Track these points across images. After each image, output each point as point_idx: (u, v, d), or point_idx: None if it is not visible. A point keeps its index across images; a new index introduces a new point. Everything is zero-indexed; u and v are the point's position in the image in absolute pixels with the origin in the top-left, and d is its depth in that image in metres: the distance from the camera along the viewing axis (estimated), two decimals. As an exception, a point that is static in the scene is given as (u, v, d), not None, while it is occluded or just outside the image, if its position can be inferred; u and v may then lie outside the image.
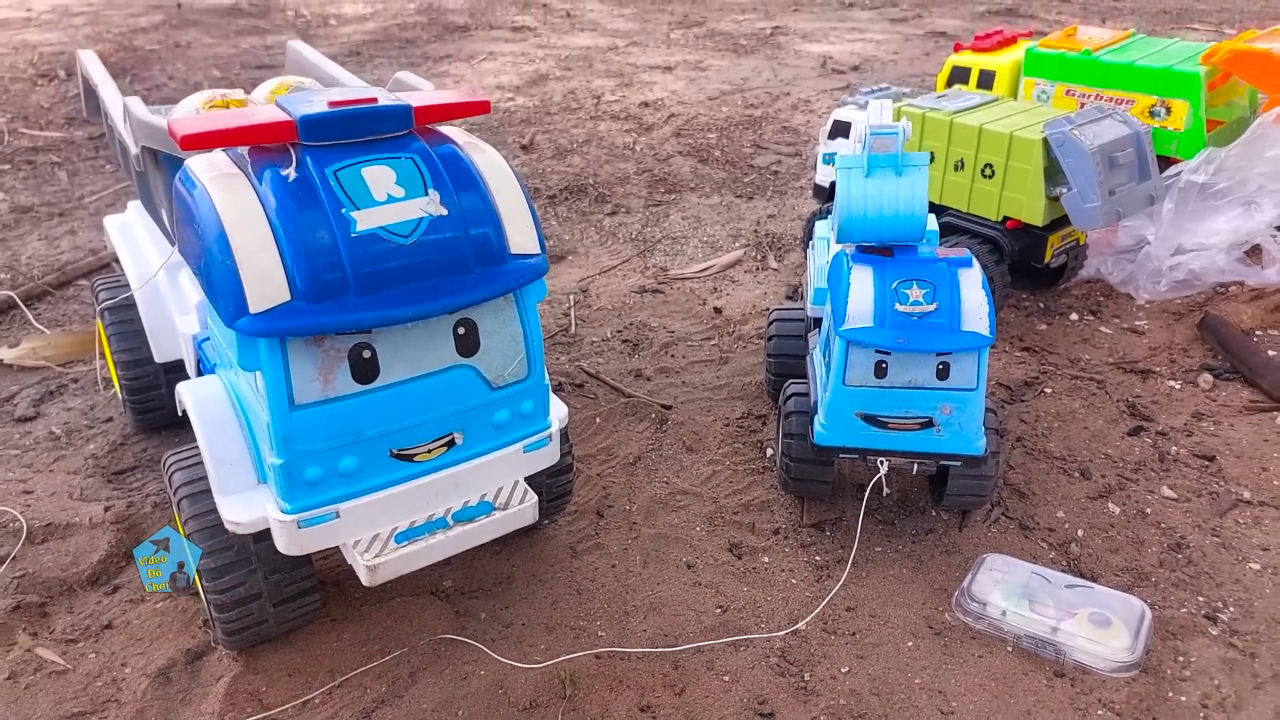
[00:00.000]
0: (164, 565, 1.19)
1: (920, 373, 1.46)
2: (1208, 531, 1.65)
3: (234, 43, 5.06)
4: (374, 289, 1.11)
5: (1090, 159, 1.97)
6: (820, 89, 4.27)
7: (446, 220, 1.15)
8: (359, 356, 1.16)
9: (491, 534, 1.31)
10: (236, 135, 1.11)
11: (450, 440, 1.27)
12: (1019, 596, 1.47)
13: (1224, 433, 1.92)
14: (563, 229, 2.90)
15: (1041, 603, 1.47)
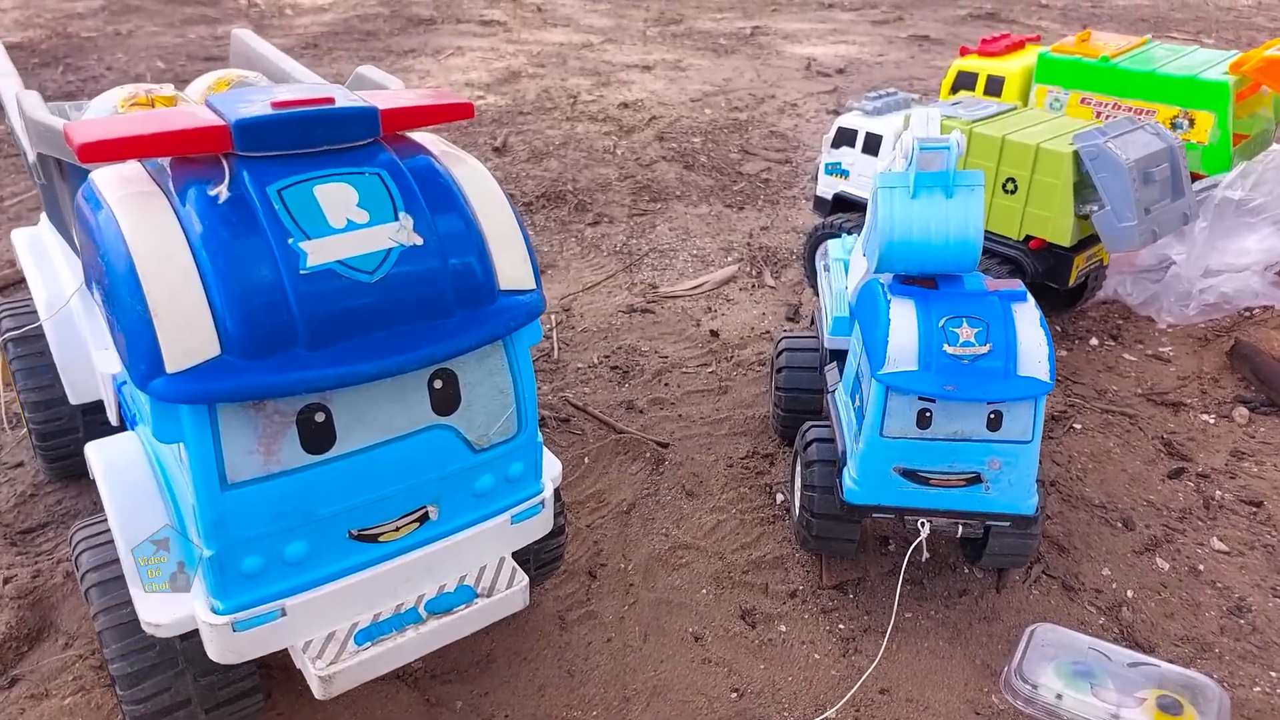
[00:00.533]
0: (164, 565, 0.99)
1: (969, 423, 1.27)
2: (1268, 591, 1.49)
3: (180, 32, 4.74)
4: (329, 340, 0.88)
5: (1127, 174, 1.80)
6: (806, 91, 4.09)
7: (421, 251, 0.93)
8: (310, 422, 0.93)
9: (473, 626, 1.09)
10: (151, 144, 0.88)
11: (423, 515, 1.05)
12: (1076, 677, 1.29)
13: (1268, 474, 1.76)
14: (541, 240, 2.67)
15: (1102, 684, 1.28)
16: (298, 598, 0.99)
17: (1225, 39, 5.56)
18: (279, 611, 0.98)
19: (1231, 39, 5.57)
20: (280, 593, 0.98)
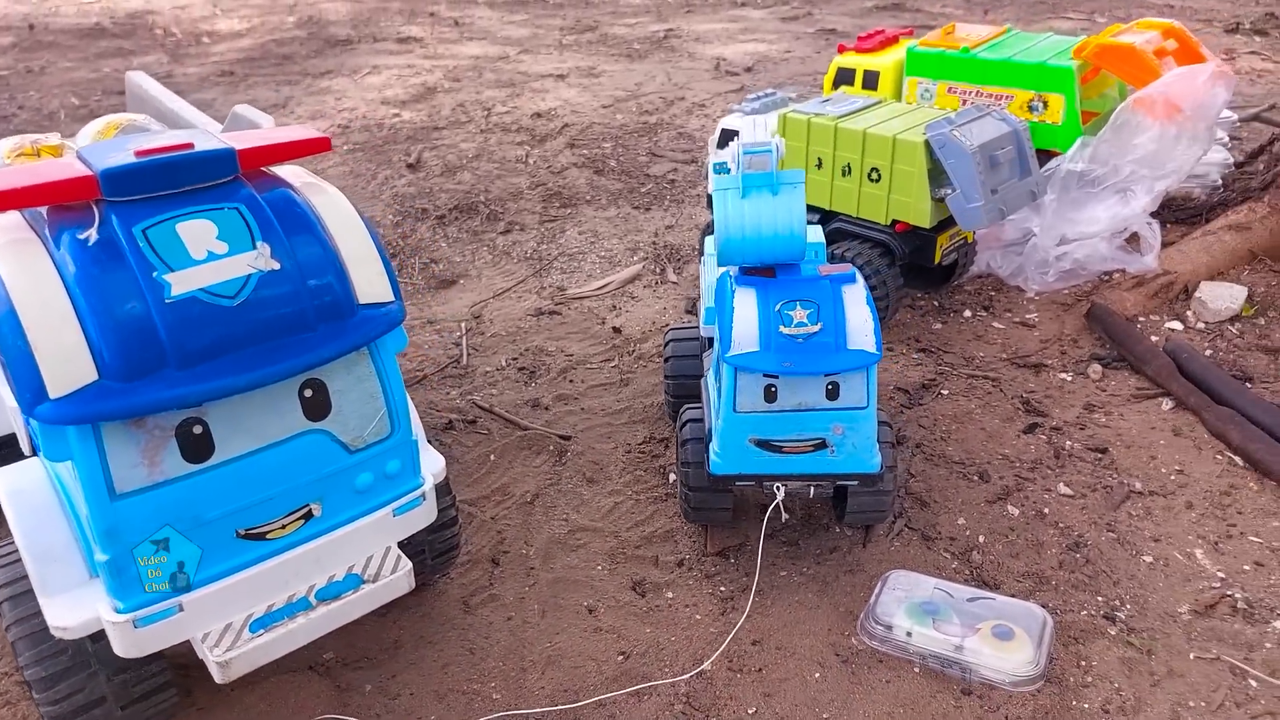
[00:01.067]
0: (164, 565, 1.07)
1: (810, 395, 1.41)
2: (1103, 527, 1.66)
3: (95, 66, 4.76)
4: (197, 359, 1.00)
5: (971, 159, 1.97)
6: (715, 91, 4.24)
7: (280, 274, 1.05)
8: (189, 433, 1.04)
9: (362, 609, 1.21)
10: (27, 196, 0.99)
11: (307, 512, 1.16)
12: (922, 615, 1.44)
13: (1114, 423, 1.94)
14: (453, 251, 2.79)
15: (945, 619, 1.44)
16: (193, 594, 1.10)
17: (1117, 17, 5.83)
18: (176, 608, 1.09)
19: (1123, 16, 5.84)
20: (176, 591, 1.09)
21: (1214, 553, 1.60)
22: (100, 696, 1.17)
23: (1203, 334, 2.23)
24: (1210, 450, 1.85)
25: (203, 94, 4.34)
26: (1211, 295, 2.28)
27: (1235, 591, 1.51)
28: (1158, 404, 1.99)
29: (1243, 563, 1.57)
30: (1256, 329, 2.23)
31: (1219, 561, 1.58)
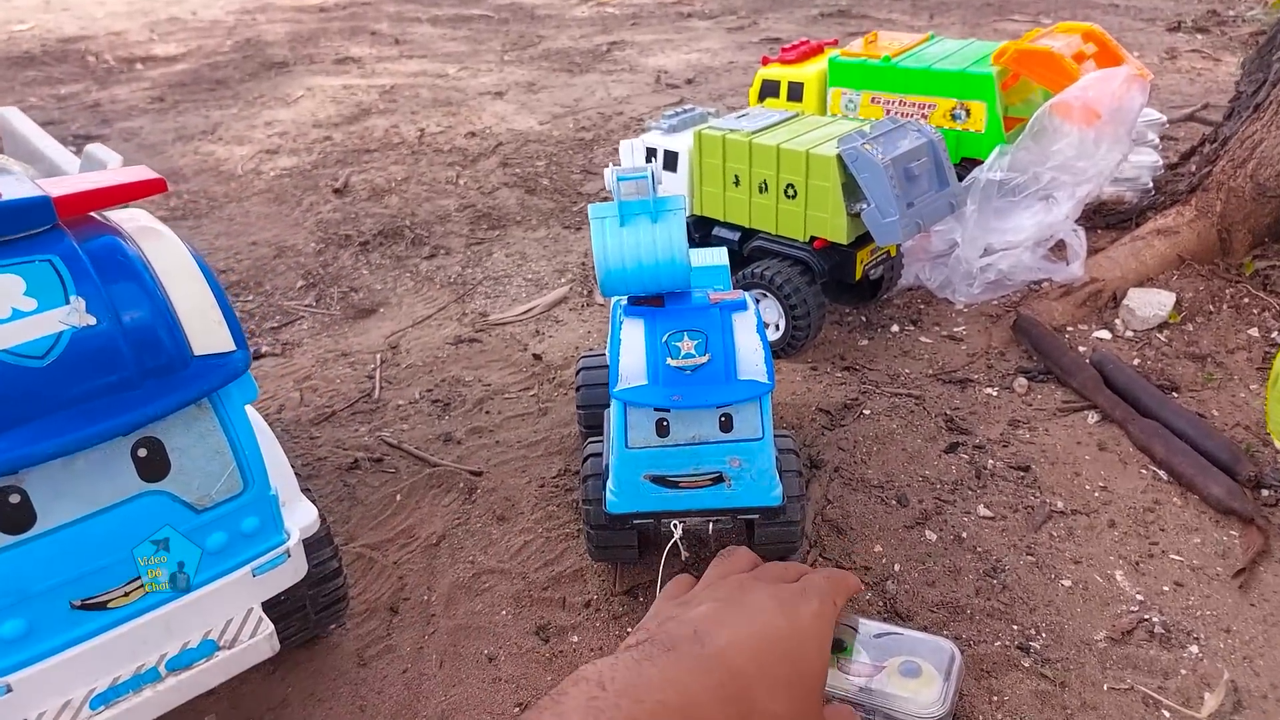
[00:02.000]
0: (164, 565, 1.03)
1: (703, 428, 1.36)
2: (1022, 550, 1.61)
3: (19, 95, 4.63)
4: (5, 425, 0.92)
5: (884, 172, 1.93)
6: (654, 105, 4.20)
7: (96, 330, 0.97)
8: (4, 503, 0.96)
9: (218, 678, 1.14)
10: None
11: (152, 578, 1.08)
12: None
13: (1039, 439, 1.90)
14: (374, 278, 2.71)
15: (849, 657, 1.38)
16: (21, 673, 1.02)
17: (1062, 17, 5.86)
18: (4, 688, 1.01)
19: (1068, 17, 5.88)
20: (2, 670, 1.01)
21: (1134, 573, 1.55)
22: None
23: (1131, 342, 2.20)
24: (1135, 465, 1.81)
25: (130, 122, 4.23)
26: (1140, 302, 2.26)
27: (1153, 615, 1.46)
28: (1084, 417, 1.96)
29: (1163, 583, 1.53)
30: (1184, 335, 2.20)
31: (1139, 583, 1.53)
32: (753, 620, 0.83)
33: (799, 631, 0.81)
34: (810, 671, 0.81)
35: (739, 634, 0.80)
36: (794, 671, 0.79)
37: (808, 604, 0.88)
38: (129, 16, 6.67)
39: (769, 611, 0.85)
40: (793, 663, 0.80)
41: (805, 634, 0.81)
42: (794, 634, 0.80)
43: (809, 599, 0.89)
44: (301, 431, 2.02)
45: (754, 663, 0.78)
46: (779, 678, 0.78)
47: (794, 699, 0.78)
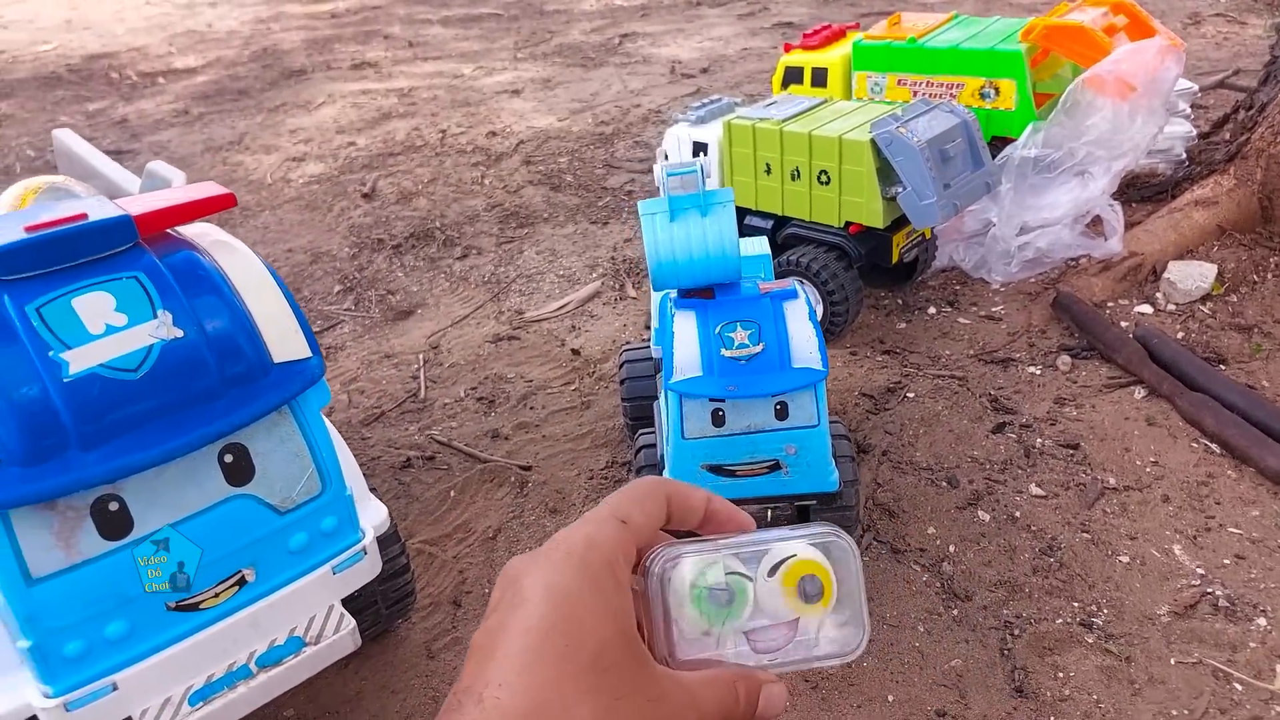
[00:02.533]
0: (164, 565, 1.04)
1: (758, 416, 1.38)
2: (1077, 528, 1.62)
3: (51, 115, 4.69)
4: (101, 438, 0.95)
5: (919, 155, 1.94)
6: (671, 96, 4.21)
7: (184, 342, 1.00)
8: (104, 511, 1.00)
9: (305, 673, 1.17)
10: (-91, 279, 0.94)
11: (240, 579, 1.12)
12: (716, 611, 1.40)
13: (1086, 416, 1.91)
14: (409, 280, 2.74)
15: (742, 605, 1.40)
16: (125, 672, 1.05)
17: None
18: (110, 687, 1.05)
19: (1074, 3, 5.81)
20: (107, 669, 1.04)
21: (1193, 548, 1.56)
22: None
23: (1174, 316, 2.20)
24: (1185, 439, 1.81)
25: (158, 135, 4.28)
26: (1181, 275, 2.25)
27: (1215, 589, 1.47)
28: (1130, 393, 1.96)
29: (1222, 557, 1.54)
30: (1228, 307, 2.20)
31: (1198, 557, 1.54)
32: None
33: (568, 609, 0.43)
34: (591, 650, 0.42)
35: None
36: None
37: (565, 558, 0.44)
38: (148, 32, 6.73)
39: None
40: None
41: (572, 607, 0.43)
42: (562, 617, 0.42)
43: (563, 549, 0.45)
44: (353, 433, 2.06)
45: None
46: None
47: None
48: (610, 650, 0.38)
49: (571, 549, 0.40)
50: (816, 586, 0.44)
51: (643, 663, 0.40)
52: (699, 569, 0.44)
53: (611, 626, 0.38)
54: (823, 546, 0.45)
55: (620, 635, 0.39)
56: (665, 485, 0.46)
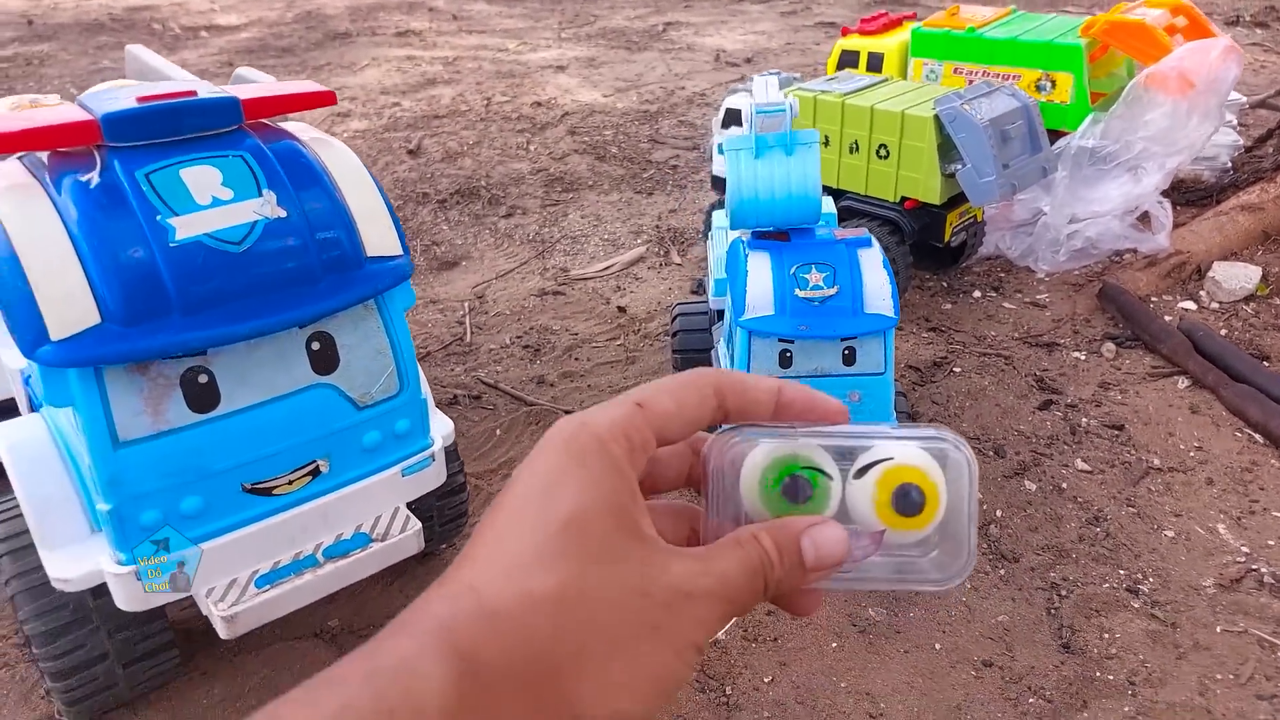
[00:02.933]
0: (164, 565, 1.05)
1: (826, 359, 1.39)
2: (1123, 502, 1.63)
3: (94, 59, 4.72)
4: (201, 305, 0.97)
5: (983, 133, 1.94)
6: (715, 82, 4.22)
7: (286, 223, 1.02)
8: (194, 382, 1.01)
9: (370, 569, 1.18)
10: (26, 139, 0.96)
11: (314, 469, 1.13)
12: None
13: (1130, 400, 1.91)
14: (454, 233, 2.76)
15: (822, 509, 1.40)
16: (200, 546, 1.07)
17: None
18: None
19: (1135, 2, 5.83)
20: (180, 544, 1.06)
21: (1237, 528, 1.57)
22: (102, 653, 1.14)
23: (1217, 314, 2.20)
24: (1229, 427, 1.82)
25: (202, 84, 4.31)
26: (1225, 275, 2.26)
27: (1260, 566, 1.48)
28: (1174, 382, 1.96)
29: (1267, 538, 1.54)
30: (1272, 308, 2.20)
31: (1242, 536, 1.55)
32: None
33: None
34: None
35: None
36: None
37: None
38: (188, -11, 6.78)
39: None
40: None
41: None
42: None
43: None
44: (397, 371, 2.07)
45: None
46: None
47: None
48: (587, 518, 0.34)
49: (563, 430, 0.36)
50: (917, 499, 0.36)
51: (634, 535, 0.34)
52: (774, 456, 0.37)
53: (591, 496, 0.34)
54: (935, 454, 0.37)
55: (602, 505, 0.34)
56: (713, 375, 0.39)
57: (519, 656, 0.31)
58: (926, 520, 0.36)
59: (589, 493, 0.34)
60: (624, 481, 0.35)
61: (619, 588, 0.33)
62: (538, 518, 0.34)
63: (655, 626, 0.33)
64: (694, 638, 0.34)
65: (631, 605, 0.33)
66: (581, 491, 0.34)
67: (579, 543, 0.33)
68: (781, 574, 0.36)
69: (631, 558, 0.34)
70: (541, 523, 0.34)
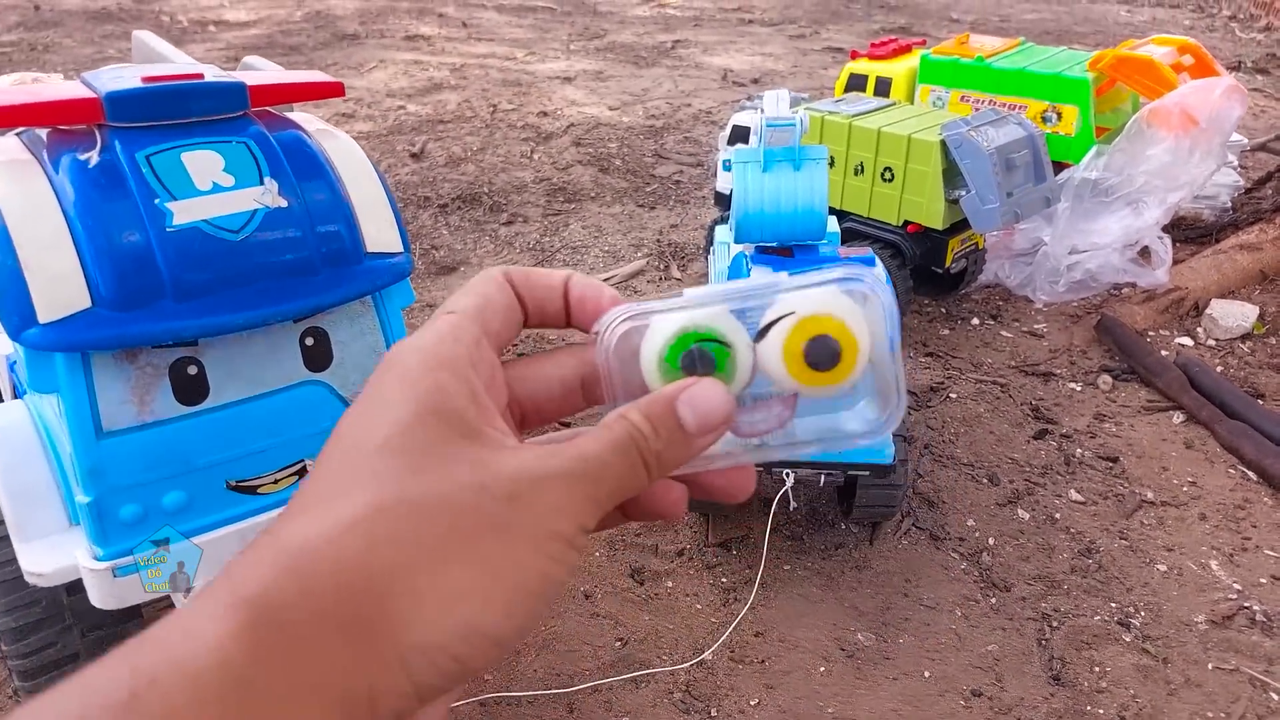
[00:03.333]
0: (164, 565, 1.02)
1: (824, 378, 1.37)
2: (1115, 535, 1.62)
3: (100, 47, 4.71)
4: (195, 293, 0.95)
5: (988, 160, 1.94)
6: (721, 100, 4.23)
7: (286, 213, 1.00)
8: (183, 373, 0.99)
9: (353, 572, 1.16)
10: (25, 113, 0.94)
11: (301, 469, 1.11)
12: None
13: (1125, 433, 1.90)
14: (454, 238, 2.74)
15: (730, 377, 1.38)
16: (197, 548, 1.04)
17: (1121, 50, 5.86)
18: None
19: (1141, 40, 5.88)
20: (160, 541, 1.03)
21: (1229, 564, 1.56)
22: (73, 653, 1.11)
23: (1213, 350, 2.20)
24: (1223, 464, 1.81)
25: (206, 79, 4.29)
26: (1223, 313, 2.26)
27: (1253, 604, 1.46)
28: (1169, 417, 1.96)
29: (1259, 575, 1.53)
30: (1268, 347, 2.20)
31: (1234, 573, 1.54)
32: None
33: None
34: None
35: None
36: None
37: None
38: (197, -16, 6.78)
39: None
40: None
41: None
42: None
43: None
44: (390, 373, 2.05)
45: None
46: None
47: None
48: (408, 429, 0.29)
49: (386, 356, 0.32)
50: (833, 349, 0.32)
51: (468, 436, 0.30)
52: (668, 332, 0.33)
53: (411, 408, 0.30)
54: (853, 295, 0.33)
55: (426, 411, 0.30)
56: (496, 269, 0.36)
57: (328, 588, 0.26)
58: (847, 370, 0.33)
59: (409, 405, 0.30)
60: (456, 382, 0.31)
61: (448, 487, 0.28)
62: (351, 447, 0.30)
63: (499, 523, 0.28)
64: (554, 526, 0.29)
65: (465, 503, 0.28)
66: (401, 404, 0.30)
67: (399, 457, 0.29)
68: (660, 445, 0.31)
69: (464, 458, 0.29)
70: (355, 450, 0.29)
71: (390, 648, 0.26)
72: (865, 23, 6.28)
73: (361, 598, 0.26)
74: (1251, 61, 5.77)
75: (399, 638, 0.26)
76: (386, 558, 0.27)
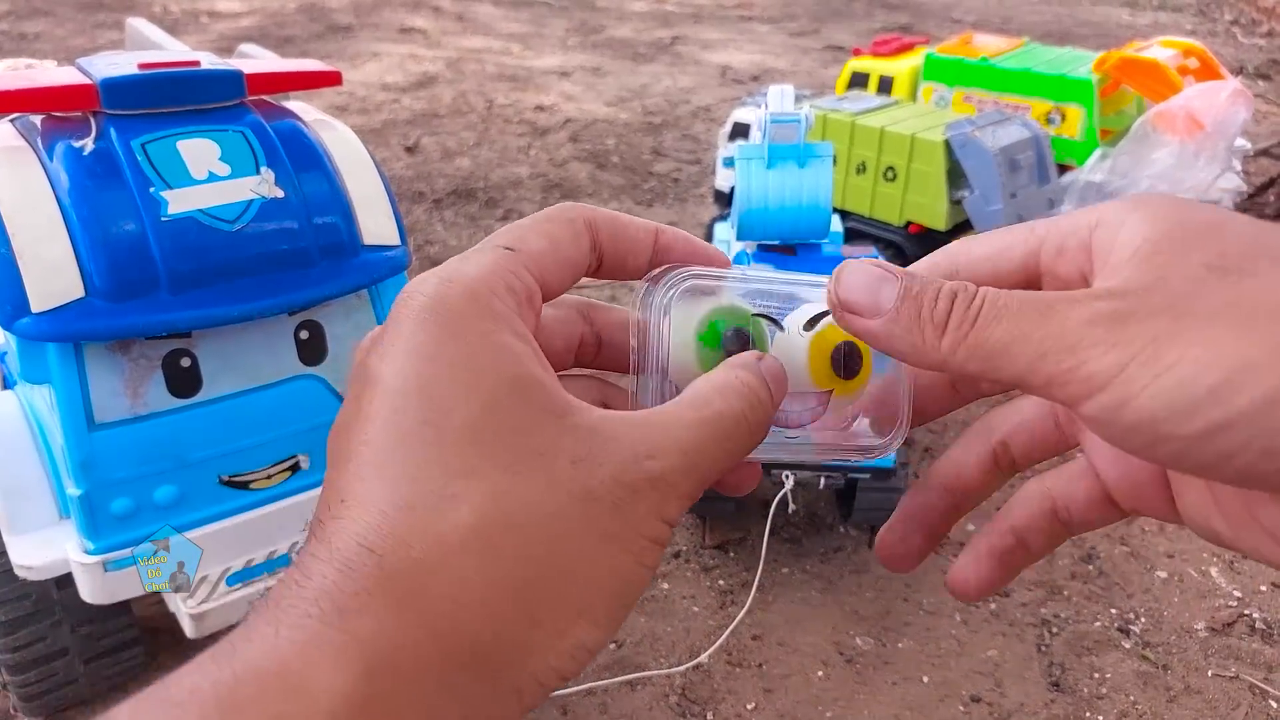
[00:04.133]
0: (164, 565, 1.01)
1: (827, 379, 1.35)
2: (1116, 541, 1.61)
3: (91, 37, 4.66)
4: (190, 284, 0.93)
5: (992, 160, 1.93)
6: (721, 97, 4.21)
7: (282, 204, 0.98)
8: (176, 365, 0.97)
9: (347, 571, 1.14)
10: (20, 99, 0.92)
11: (294, 464, 1.09)
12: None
13: (1125, 438, 1.90)
14: (449, 234, 2.72)
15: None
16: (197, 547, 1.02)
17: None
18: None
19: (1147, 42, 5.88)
20: (150, 535, 1.01)
21: (1229, 572, 1.55)
22: (63, 648, 1.09)
23: (1211, 356, 2.20)
24: (1221, 469, 1.80)
25: (201, 68, 4.25)
26: (1221, 318, 2.25)
27: (1253, 611, 1.46)
28: (1167, 421, 1.95)
29: (1259, 583, 1.52)
30: (1266, 354, 2.20)
31: (1235, 581, 1.53)
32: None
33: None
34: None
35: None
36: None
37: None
38: (193, -27, 6.72)
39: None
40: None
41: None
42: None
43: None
44: (385, 368, 2.03)
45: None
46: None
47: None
48: (491, 412, 0.26)
49: (424, 292, 0.27)
50: (856, 358, 0.34)
51: (554, 414, 0.27)
52: (714, 302, 0.32)
53: (490, 380, 0.26)
54: None
55: (505, 388, 0.26)
56: (583, 208, 0.32)
57: (446, 629, 0.24)
58: (863, 381, 0.34)
59: (486, 376, 0.26)
60: (524, 345, 0.27)
61: (553, 497, 0.25)
62: (424, 426, 0.25)
63: (607, 534, 0.26)
64: (653, 531, 0.27)
65: (573, 515, 0.25)
66: (473, 376, 0.26)
67: (489, 449, 0.25)
68: (765, 414, 0.29)
69: (560, 450, 0.26)
70: (433, 433, 0.25)
71: (509, 681, 0.25)
72: (866, 21, 6.26)
73: (481, 633, 0.24)
74: (1253, 67, 5.79)
75: (518, 669, 0.25)
76: (500, 584, 0.25)
